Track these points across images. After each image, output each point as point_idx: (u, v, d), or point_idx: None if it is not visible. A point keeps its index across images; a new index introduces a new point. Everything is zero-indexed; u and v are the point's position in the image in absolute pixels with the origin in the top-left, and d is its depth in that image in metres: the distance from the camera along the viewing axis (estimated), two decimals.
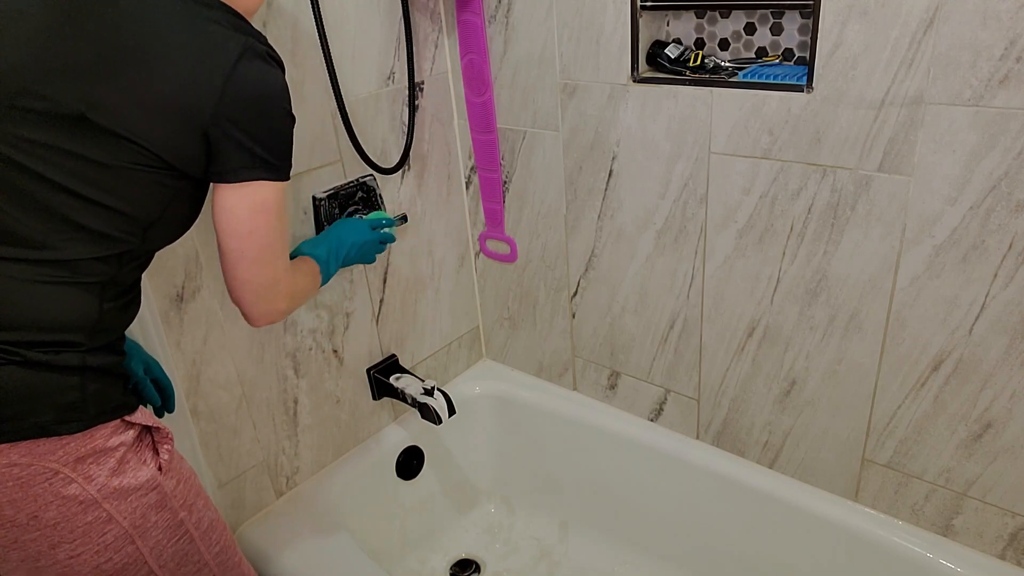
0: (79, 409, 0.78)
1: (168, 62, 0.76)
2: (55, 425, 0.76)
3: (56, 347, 0.77)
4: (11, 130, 0.74)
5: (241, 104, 0.79)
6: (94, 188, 0.76)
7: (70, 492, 0.78)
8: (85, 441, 0.78)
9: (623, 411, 1.61)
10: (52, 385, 0.77)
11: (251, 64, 0.79)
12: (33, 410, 0.75)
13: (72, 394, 0.78)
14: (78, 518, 0.79)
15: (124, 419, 0.83)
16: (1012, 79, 0.92)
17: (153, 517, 0.84)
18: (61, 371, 0.77)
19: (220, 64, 0.78)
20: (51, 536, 0.78)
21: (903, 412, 1.19)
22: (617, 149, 1.34)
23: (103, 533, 0.80)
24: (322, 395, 1.47)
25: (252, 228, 0.85)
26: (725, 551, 1.49)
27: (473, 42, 1.44)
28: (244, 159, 0.82)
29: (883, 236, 1.10)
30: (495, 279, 1.72)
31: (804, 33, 1.16)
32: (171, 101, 0.77)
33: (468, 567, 1.69)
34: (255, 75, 0.80)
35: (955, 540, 1.23)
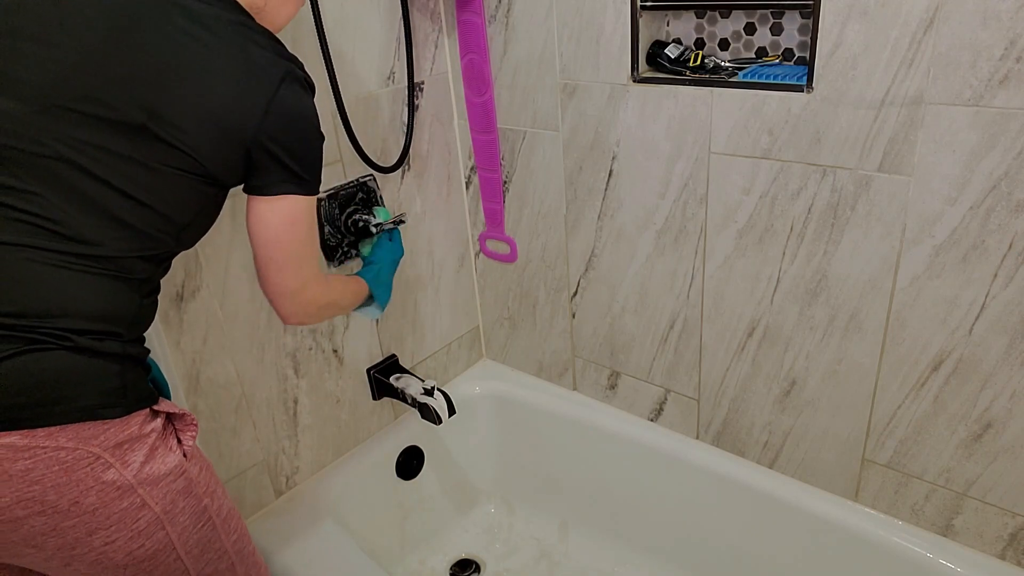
0: (120, 395, 0.81)
1: (219, 80, 0.82)
2: (100, 409, 0.79)
3: (102, 335, 0.81)
4: (70, 132, 0.78)
5: (281, 124, 0.86)
6: (143, 190, 0.81)
7: (109, 477, 0.79)
8: (123, 427, 0.81)
9: (623, 411, 1.61)
10: (98, 370, 0.80)
11: (291, 88, 0.86)
12: (81, 394, 0.78)
13: (114, 380, 0.81)
14: (115, 504, 0.80)
15: (152, 408, 0.86)
16: (1012, 79, 0.92)
17: (181, 503, 0.86)
18: (106, 357, 0.81)
19: (265, 87, 0.84)
20: (89, 522, 0.80)
21: (903, 412, 1.19)
22: (617, 149, 1.34)
23: (137, 519, 0.82)
24: (322, 395, 1.47)
25: (281, 237, 0.92)
26: (725, 551, 1.49)
27: (473, 42, 1.44)
28: (281, 174, 0.88)
29: (883, 236, 1.10)
30: (495, 279, 1.72)
31: (804, 33, 1.16)
32: (220, 117, 0.83)
33: (468, 567, 1.69)
34: (294, 98, 0.87)
35: (955, 540, 1.23)
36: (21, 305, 0.76)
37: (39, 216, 0.77)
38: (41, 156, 0.77)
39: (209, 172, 0.85)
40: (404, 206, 1.52)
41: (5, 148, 0.76)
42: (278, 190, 0.89)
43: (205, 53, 0.82)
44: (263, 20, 0.91)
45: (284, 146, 0.87)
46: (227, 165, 0.86)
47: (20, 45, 0.77)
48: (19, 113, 0.76)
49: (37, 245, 0.77)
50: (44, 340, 0.76)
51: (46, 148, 0.77)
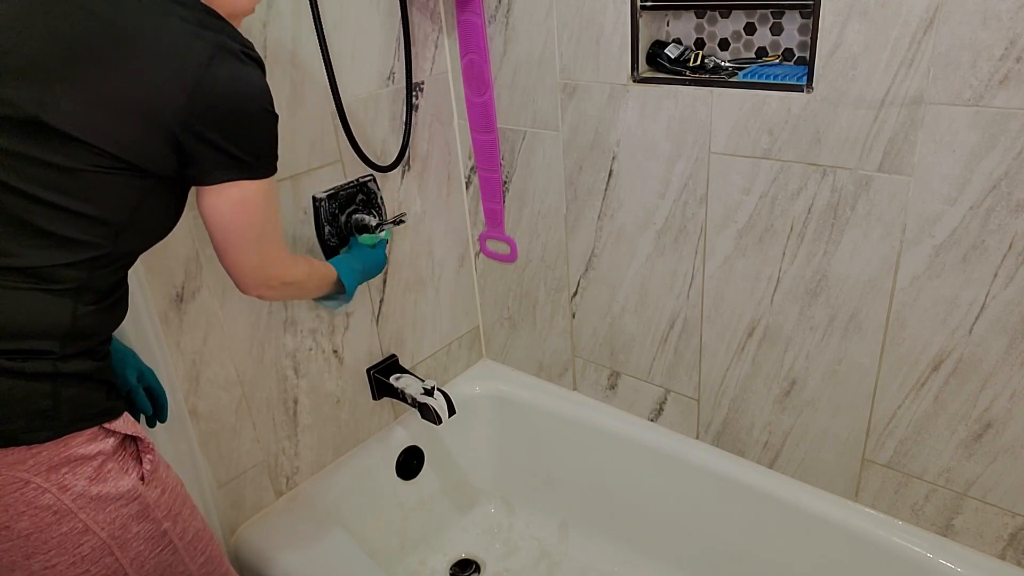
0: (50, 417, 0.75)
1: (131, 62, 0.74)
2: (24, 434, 0.74)
3: (24, 355, 0.75)
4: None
5: (214, 107, 0.77)
6: (56, 193, 0.74)
7: (44, 502, 0.75)
8: (59, 449, 0.76)
9: (623, 411, 1.61)
10: (21, 392, 0.74)
11: (224, 64, 0.77)
12: (2, 418, 0.73)
13: (43, 401, 0.75)
14: (52, 528, 0.76)
15: (103, 426, 0.80)
16: (1012, 79, 0.92)
17: (134, 528, 0.82)
18: (31, 378, 0.75)
19: (189, 65, 0.75)
20: (24, 547, 0.76)
21: (903, 412, 1.19)
22: (617, 149, 1.34)
23: (79, 544, 0.78)
24: (322, 395, 1.47)
25: (235, 222, 0.85)
26: (725, 551, 1.49)
27: (473, 42, 1.44)
28: (221, 161, 0.80)
29: (883, 236, 1.10)
30: (495, 279, 1.72)
31: (804, 33, 1.16)
32: (133, 102, 0.74)
33: (468, 567, 1.69)
34: (229, 76, 0.77)
35: (955, 540, 1.23)
36: None
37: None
38: None
39: (131, 164, 0.76)
40: (404, 206, 1.52)
41: None
42: (221, 178, 0.81)
43: (116, 33, 0.74)
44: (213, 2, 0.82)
45: (220, 131, 0.78)
46: (152, 154, 0.77)
47: None
48: None
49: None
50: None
51: None
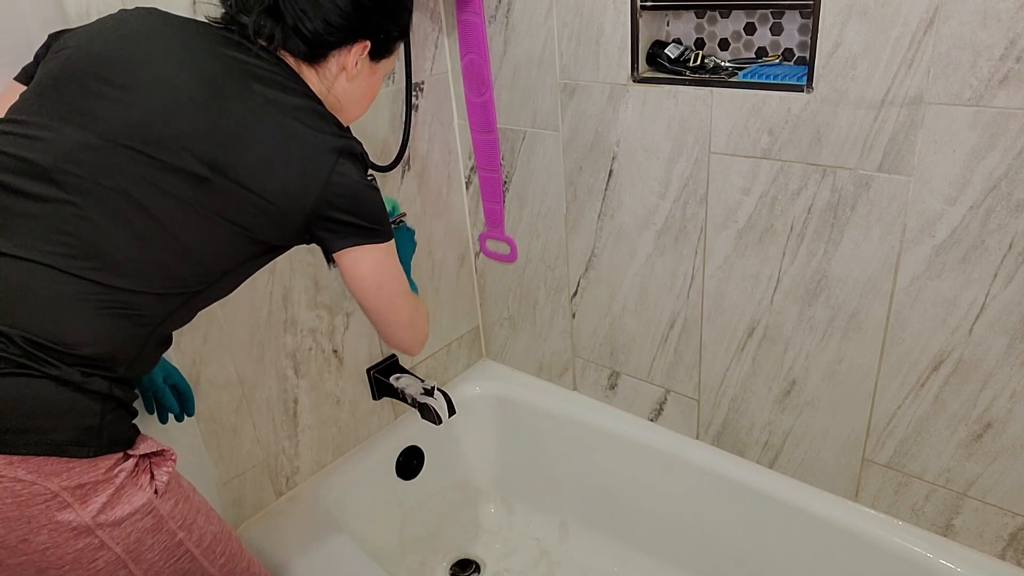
0: (94, 435, 0.79)
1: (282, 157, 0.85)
2: (70, 446, 0.77)
3: (91, 370, 0.79)
4: (135, 169, 0.81)
5: (338, 199, 0.88)
6: (190, 234, 0.84)
7: (64, 517, 0.77)
8: (89, 469, 0.79)
9: (623, 411, 1.61)
10: (77, 406, 0.78)
11: (346, 163, 0.89)
12: (54, 427, 0.76)
13: (92, 419, 0.79)
14: (69, 544, 0.78)
15: (126, 452, 0.84)
16: (1012, 79, 0.92)
17: (149, 540, 0.83)
18: (88, 394, 0.79)
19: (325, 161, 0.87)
20: (39, 561, 0.77)
21: (903, 412, 1.19)
22: (617, 149, 1.34)
23: (94, 560, 0.80)
24: (322, 395, 1.47)
25: (378, 286, 0.96)
26: (725, 551, 1.49)
27: (473, 42, 1.44)
28: (347, 230, 0.91)
29: (883, 236, 1.10)
30: (495, 279, 1.72)
31: (804, 33, 1.16)
32: (279, 191, 0.85)
33: (468, 567, 1.69)
34: (349, 172, 0.89)
35: (955, 540, 1.23)
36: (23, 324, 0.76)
37: (81, 238, 0.79)
38: (101, 186, 0.80)
39: (258, 233, 0.87)
40: (404, 206, 1.52)
41: (68, 173, 0.79)
42: (347, 244, 0.91)
43: (274, 129, 0.85)
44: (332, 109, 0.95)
45: (343, 209, 0.89)
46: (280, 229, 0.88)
47: (108, 90, 0.82)
48: (92, 144, 0.80)
49: (66, 269, 0.78)
50: (29, 365, 0.75)
51: (109, 179, 0.80)
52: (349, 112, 1.00)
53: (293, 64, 0.92)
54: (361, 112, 1.03)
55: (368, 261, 0.94)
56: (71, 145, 0.80)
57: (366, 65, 0.97)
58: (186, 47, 0.86)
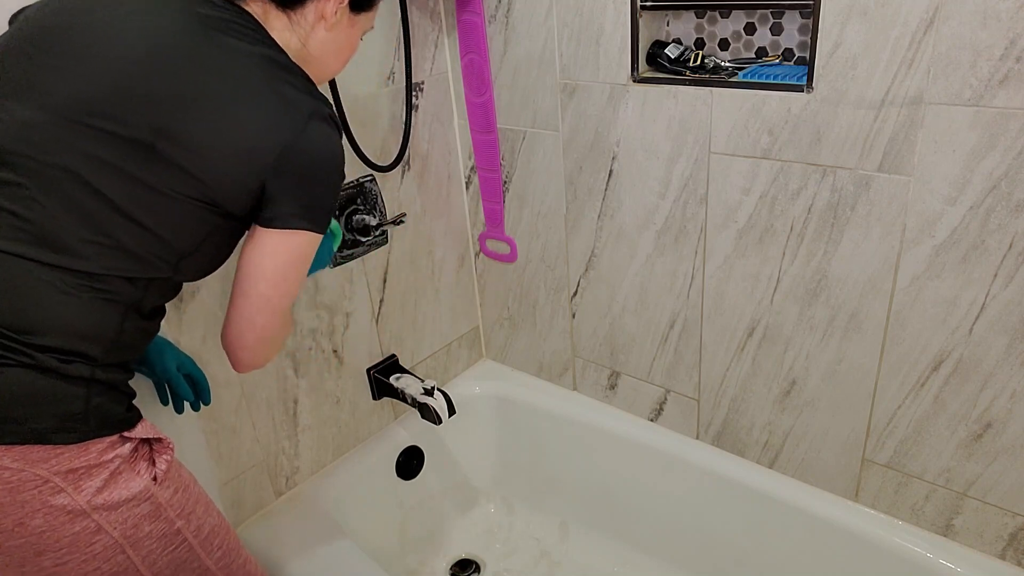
0: (79, 420, 0.78)
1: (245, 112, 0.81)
2: (52, 433, 0.76)
3: (69, 356, 0.77)
4: (82, 145, 0.77)
5: (304, 161, 0.83)
6: (144, 212, 0.79)
7: (58, 502, 0.77)
8: (79, 453, 0.78)
9: (623, 411, 1.61)
10: (57, 393, 0.77)
11: (318, 125, 0.84)
12: (35, 415, 0.75)
13: (75, 404, 0.78)
14: (65, 527, 0.78)
15: (122, 434, 0.82)
16: (1012, 79, 0.92)
17: (146, 527, 0.83)
18: (68, 380, 0.77)
19: (291, 122, 0.82)
20: (36, 544, 0.77)
21: (903, 412, 1.19)
22: (617, 149, 1.34)
23: (91, 543, 0.80)
24: (322, 395, 1.47)
25: (285, 275, 0.88)
26: (725, 551, 1.49)
27: (473, 42, 1.44)
28: (296, 209, 0.85)
29: (883, 236, 1.10)
30: (495, 279, 1.72)
31: (804, 33, 1.16)
32: (240, 147, 0.80)
33: (468, 567, 1.69)
34: (320, 136, 0.84)
35: (955, 540, 1.23)
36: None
37: (32, 223, 0.76)
38: (49, 165, 0.76)
39: (217, 200, 0.82)
40: (404, 206, 1.52)
41: (17, 154, 0.76)
42: (293, 224, 0.85)
43: (234, 85, 0.81)
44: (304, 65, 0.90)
45: (303, 181, 0.84)
46: (238, 195, 0.83)
47: (52, 60, 0.78)
48: (38, 122, 0.76)
49: (22, 254, 0.76)
50: (4, 356, 0.74)
51: (56, 158, 0.76)
52: (326, 66, 0.95)
53: (259, 13, 0.86)
54: (339, 67, 0.97)
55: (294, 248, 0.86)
56: (19, 123, 0.76)
57: (345, 15, 0.91)
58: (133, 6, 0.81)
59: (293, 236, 0.86)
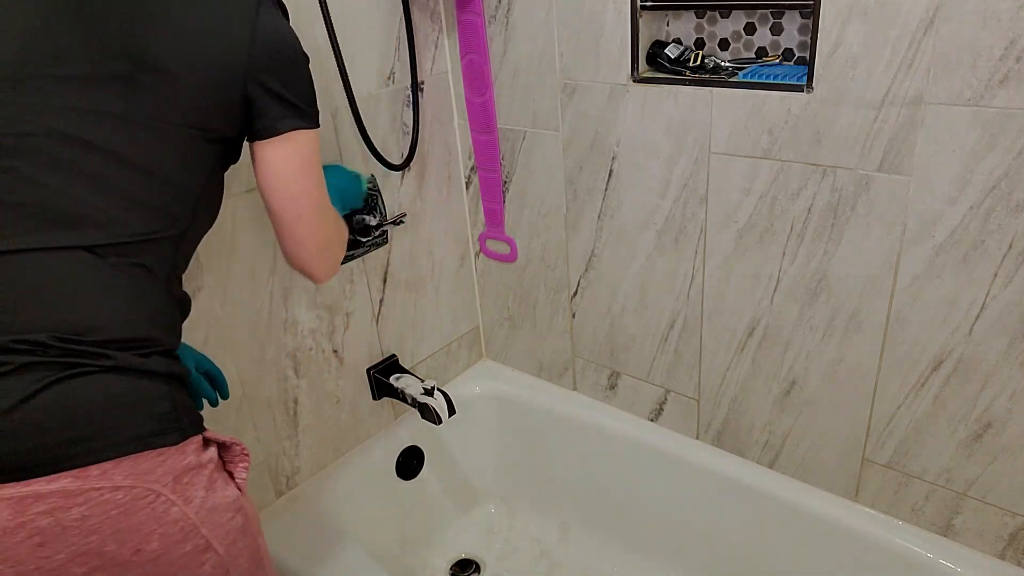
0: (173, 419, 0.72)
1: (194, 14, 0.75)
2: (155, 436, 0.70)
3: (145, 348, 0.72)
4: (53, 101, 0.70)
5: (270, 53, 0.78)
6: (146, 154, 0.73)
7: (171, 516, 0.70)
8: (180, 456, 0.72)
9: (623, 411, 1.61)
10: (146, 392, 0.71)
11: (269, 12, 0.79)
12: (133, 421, 0.69)
13: (164, 403, 0.72)
14: (178, 547, 0.71)
15: (204, 436, 0.77)
16: (1012, 79, 0.92)
17: (240, 544, 0.77)
18: (151, 377, 0.72)
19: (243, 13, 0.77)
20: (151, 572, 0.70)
21: (903, 412, 1.19)
22: (617, 149, 1.34)
23: (202, 564, 0.73)
24: (322, 395, 1.47)
25: (304, 186, 0.84)
26: (725, 551, 1.49)
27: (473, 42, 1.44)
28: (284, 110, 0.80)
29: (883, 236, 1.10)
30: (495, 279, 1.72)
31: (804, 33, 1.16)
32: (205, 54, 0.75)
33: (468, 567, 1.69)
34: (275, 22, 0.79)
35: (955, 540, 1.23)
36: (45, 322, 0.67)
37: (42, 207, 0.69)
38: (28, 135, 0.68)
39: (208, 124, 0.77)
40: (404, 206, 1.52)
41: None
42: (285, 126, 0.80)
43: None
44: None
45: (279, 77, 0.79)
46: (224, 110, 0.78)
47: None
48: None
49: (47, 245, 0.69)
50: (80, 363, 0.67)
51: (30, 125, 0.69)
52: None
53: None
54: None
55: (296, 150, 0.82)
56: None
57: None
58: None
59: (292, 140, 0.82)
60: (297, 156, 0.83)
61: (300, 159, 0.83)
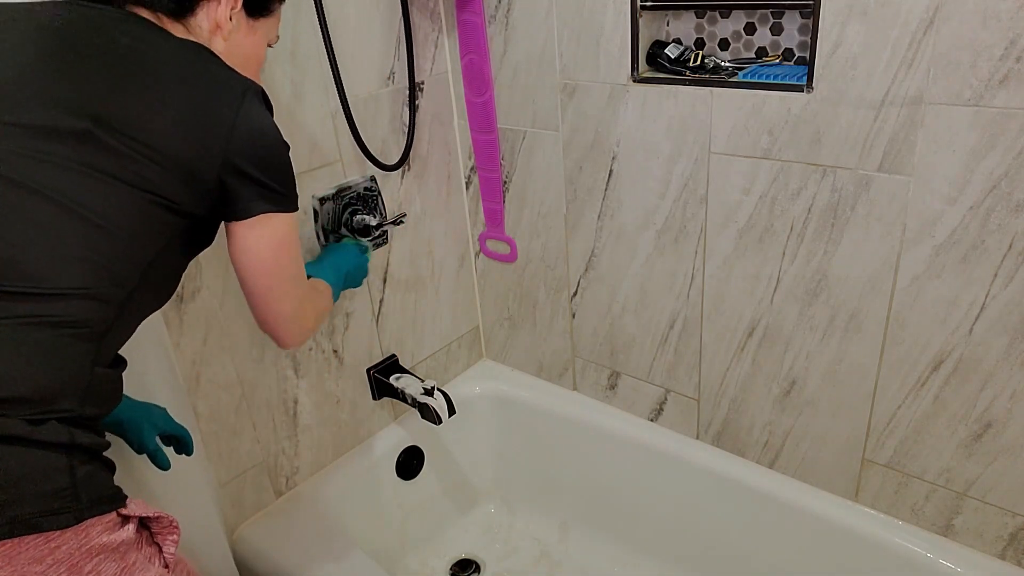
0: (71, 497, 0.63)
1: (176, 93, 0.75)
2: (41, 518, 0.60)
3: (39, 416, 0.63)
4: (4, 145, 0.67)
5: (250, 140, 0.78)
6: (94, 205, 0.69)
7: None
8: (80, 540, 0.63)
9: (623, 411, 1.61)
10: (34, 466, 0.62)
11: (253, 102, 0.80)
12: (13, 499, 0.60)
13: (60, 478, 0.63)
14: None
15: (119, 512, 0.69)
16: (1012, 79, 0.92)
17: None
18: (45, 448, 0.62)
19: (228, 100, 0.77)
20: None
21: (903, 412, 1.19)
22: (617, 149, 1.34)
23: None
24: (322, 395, 1.47)
25: (276, 264, 0.85)
26: (725, 551, 1.49)
27: (473, 42, 1.44)
28: (259, 193, 0.81)
29: (883, 236, 1.10)
30: (495, 279, 1.72)
31: (804, 33, 1.16)
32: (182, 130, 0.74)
33: (468, 567, 1.69)
34: (258, 113, 0.80)
35: (955, 540, 1.23)
36: None
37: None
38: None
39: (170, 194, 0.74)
40: (404, 206, 1.52)
41: None
42: (257, 209, 0.81)
43: (158, 66, 0.74)
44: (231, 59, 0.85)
45: (256, 164, 0.79)
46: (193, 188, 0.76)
47: None
48: None
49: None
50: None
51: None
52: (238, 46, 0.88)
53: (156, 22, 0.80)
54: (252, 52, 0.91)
55: (270, 232, 0.82)
56: None
57: (243, 22, 0.86)
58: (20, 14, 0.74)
59: (267, 222, 0.82)
60: (272, 237, 0.83)
61: (274, 240, 0.84)
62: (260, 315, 0.89)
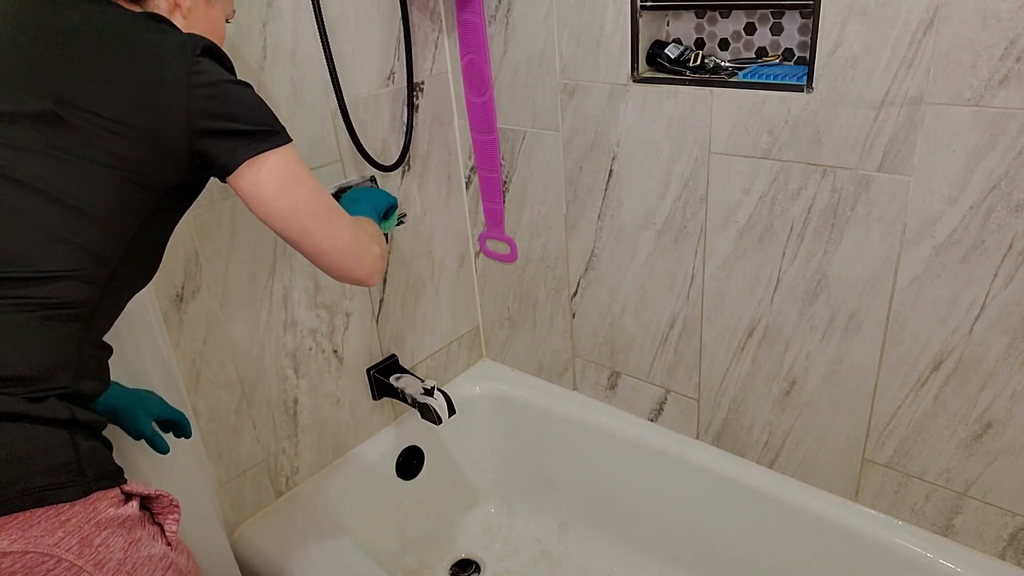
0: (76, 471, 0.64)
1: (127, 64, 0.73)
2: (50, 490, 0.62)
3: (39, 393, 0.64)
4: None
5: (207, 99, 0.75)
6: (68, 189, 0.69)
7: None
8: (88, 513, 0.64)
9: (623, 411, 1.61)
10: (39, 441, 0.63)
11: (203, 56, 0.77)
12: (21, 474, 0.61)
13: (64, 453, 0.64)
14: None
15: (123, 488, 0.70)
16: (1012, 79, 0.92)
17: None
18: (47, 424, 0.64)
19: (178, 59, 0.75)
20: None
21: (903, 412, 1.19)
22: (617, 149, 1.34)
23: None
24: (322, 395, 1.47)
25: (292, 201, 0.80)
26: (725, 551, 1.49)
27: (473, 42, 1.44)
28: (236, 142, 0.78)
29: (883, 236, 1.10)
30: (495, 279, 1.72)
31: (804, 33, 1.16)
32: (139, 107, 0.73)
33: (468, 567, 1.69)
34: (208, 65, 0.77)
35: (955, 540, 1.23)
36: None
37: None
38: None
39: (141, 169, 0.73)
40: (404, 206, 1.52)
41: None
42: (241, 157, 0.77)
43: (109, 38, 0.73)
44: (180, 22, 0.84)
45: (223, 115, 0.76)
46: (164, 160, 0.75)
47: None
48: None
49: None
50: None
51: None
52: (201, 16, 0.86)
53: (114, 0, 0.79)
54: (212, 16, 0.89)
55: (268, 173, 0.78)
56: None
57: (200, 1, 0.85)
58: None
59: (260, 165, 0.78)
60: (272, 178, 0.79)
61: (276, 178, 0.79)
62: (321, 262, 0.85)
